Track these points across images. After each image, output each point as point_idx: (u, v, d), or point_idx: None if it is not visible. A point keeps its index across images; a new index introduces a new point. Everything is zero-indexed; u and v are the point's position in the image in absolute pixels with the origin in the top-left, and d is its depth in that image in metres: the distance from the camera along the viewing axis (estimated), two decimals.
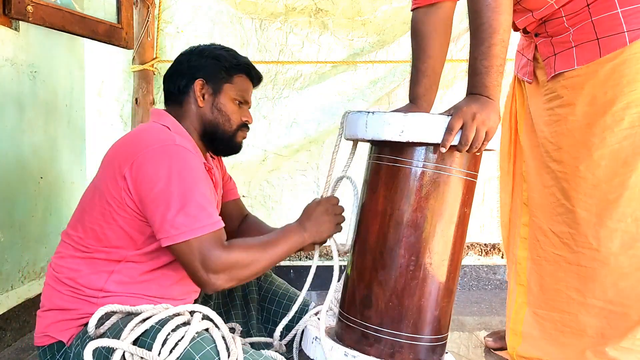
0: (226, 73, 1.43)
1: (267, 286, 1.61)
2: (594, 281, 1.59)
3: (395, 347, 1.20)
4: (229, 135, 1.44)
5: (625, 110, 1.49)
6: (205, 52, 1.45)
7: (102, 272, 1.27)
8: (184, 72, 1.43)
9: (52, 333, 1.27)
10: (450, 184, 1.20)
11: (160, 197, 1.19)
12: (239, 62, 1.45)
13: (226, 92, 1.43)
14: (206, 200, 1.23)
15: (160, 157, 1.22)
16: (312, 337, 1.27)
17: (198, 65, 1.43)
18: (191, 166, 1.24)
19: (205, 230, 1.19)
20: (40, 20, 1.93)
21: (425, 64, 1.59)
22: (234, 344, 1.10)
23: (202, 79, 1.41)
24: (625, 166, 1.51)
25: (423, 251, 1.19)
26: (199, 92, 1.41)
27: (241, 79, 1.46)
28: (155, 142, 1.24)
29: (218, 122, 1.42)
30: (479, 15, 1.28)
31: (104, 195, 1.26)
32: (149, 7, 2.61)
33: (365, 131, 1.21)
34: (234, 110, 1.44)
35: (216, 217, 1.23)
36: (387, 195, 1.22)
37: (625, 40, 1.45)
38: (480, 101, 1.22)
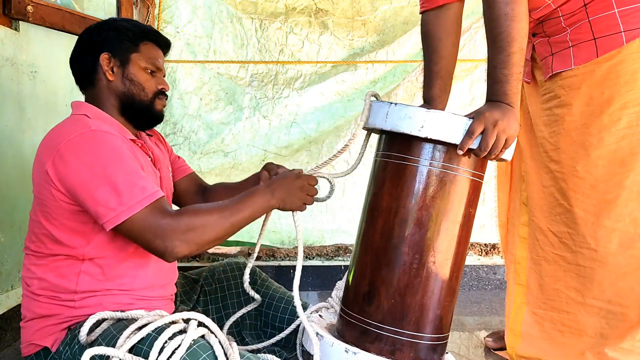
0: (131, 42, 1.38)
1: (264, 291, 1.60)
2: (593, 281, 1.59)
3: (396, 344, 1.20)
4: (147, 105, 1.40)
5: (623, 110, 1.49)
6: (106, 26, 1.40)
7: (69, 275, 1.26)
8: (88, 49, 1.38)
9: (37, 340, 1.27)
10: (457, 183, 1.20)
11: (88, 184, 1.17)
12: (142, 30, 1.41)
13: (134, 61, 1.38)
14: (135, 175, 1.21)
15: (78, 146, 1.19)
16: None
17: (100, 39, 1.37)
18: (111, 146, 1.22)
19: (143, 204, 1.17)
20: (40, 20, 1.93)
21: (439, 65, 1.60)
22: (231, 349, 1.10)
23: (108, 52, 1.36)
24: (623, 166, 1.51)
25: (427, 249, 1.19)
26: (106, 66, 1.36)
27: (148, 47, 1.41)
28: (70, 133, 1.21)
29: (132, 92, 1.38)
30: (497, 24, 1.29)
31: (38, 198, 1.25)
32: (149, 7, 2.61)
33: (385, 121, 1.21)
34: (147, 78, 1.39)
35: (151, 188, 1.21)
36: (392, 193, 1.22)
37: (622, 40, 1.45)
38: (502, 108, 1.23)
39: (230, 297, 1.58)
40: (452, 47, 1.62)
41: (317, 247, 2.84)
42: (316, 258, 2.81)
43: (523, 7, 1.30)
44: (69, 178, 1.19)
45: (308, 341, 1.28)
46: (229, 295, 1.58)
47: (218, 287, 1.59)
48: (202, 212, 1.23)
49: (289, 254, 2.79)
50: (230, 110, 2.80)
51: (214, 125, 2.79)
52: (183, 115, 2.77)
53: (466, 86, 2.87)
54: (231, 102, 2.80)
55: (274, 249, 2.83)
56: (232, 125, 2.79)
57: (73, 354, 1.19)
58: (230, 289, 1.59)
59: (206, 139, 2.78)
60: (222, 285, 1.59)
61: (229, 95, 2.80)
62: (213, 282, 1.60)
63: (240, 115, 2.79)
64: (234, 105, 2.80)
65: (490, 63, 1.30)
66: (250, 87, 2.79)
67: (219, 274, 1.61)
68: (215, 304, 1.57)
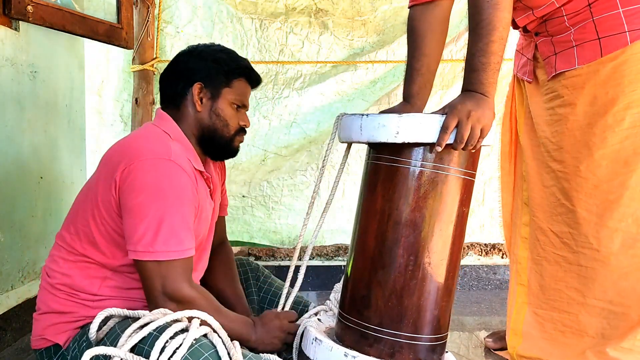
0: (225, 77, 1.40)
1: (267, 287, 1.61)
2: (594, 281, 1.59)
3: (395, 347, 1.20)
4: (227, 141, 1.42)
5: (627, 110, 1.48)
6: (204, 54, 1.41)
7: (95, 278, 1.27)
8: (182, 75, 1.40)
9: (49, 336, 1.27)
10: (449, 183, 1.20)
11: (138, 209, 1.19)
12: (239, 65, 1.42)
13: (225, 96, 1.40)
14: (183, 224, 1.22)
15: (150, 170, 1.21)
16: (312, 338, 1.27)
17: (197, 68, 1.39)
18: (178, 186, 1.23)
19: (170, 256, 1.19)
20: (40, 20, 1.93)
21: (420, 62, 1.58)
22: (234, 349, 1.10)
23: (201, 83, 1.38)
24: (626, 166, 1.51)
25: (422, 251, 1.19)
26: (197, 96, 1.38)
27: (240, 83, 1.42)
28: (150, 154, 1.23)
29: (216, 127, 1.40)
30: (478, 11, 1.28)
31: (97, 197, 1.26)
32: (149, 7, 2.61)
33: (360, 134, 1.21)
34: (232, 115, 1.41)
35: (188, 244, 1.22)
36: (385, 195, 1.22)
37: (626, 40, 1.45)
38: (475, 98, 1.22)
39: None
40: (436, 45, 1.60)
41: (317, 247, 2.84)
42: (316, 258, 2.81)
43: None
44: (127, 197, 1.20)
45: (307, 345, 1.28)
46: None
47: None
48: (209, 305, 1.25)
49: (289, 253, 2.79)
50: None
51: None
52: None
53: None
54: None
55: (274, 249, 2.83)
56: None
57: (81, 351, 1.20)
58: None
59: None
60: None
61: None
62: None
63: None
64: None
65: (469, 51, 1.29)
66: None
67: None
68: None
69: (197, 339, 1.09)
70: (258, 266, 1.66)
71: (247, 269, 1.63)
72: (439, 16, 1.59)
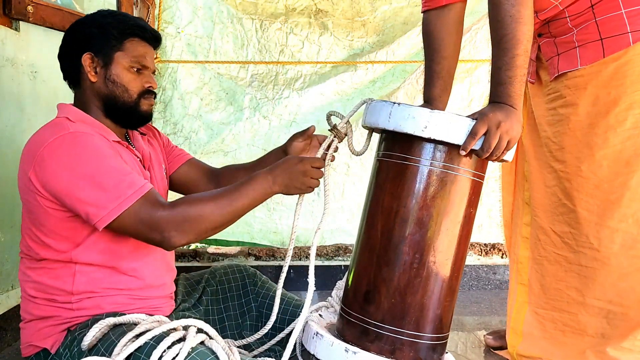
0: (116, 40, 1.30)
1: (265, 292, 1.60)
2: (594, 281, 1.59)
3: (396, 344, 1.20)
4: (131, 106, 1.34)
5: (629, 111, 1.49)
6: (89, 22, 1.32)
7: (64, 277, 1.25)
8: (72, 47, 1.32)
9: (36, 342, 1.27)
10: (458, 183, 1.20)
11: (72, 186, 1.16)
12: (127, 25, 1.32)
13: (118, 61, 1.31)
14: (119, 172, 1.19)
15: (57, 150, 1.18)
16: (313, 333, 1.26)
17: (83, 37, 1.31)
18: (91, 147, 1.20)
19: (133, 199, 1.16)
20: (40, 20, 1.93)
21: (440, 65, 1.60)
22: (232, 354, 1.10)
23: (90, 52, 1.30)
24: (628, 167, 1.51)
25: (427, 249, 1.19)
26: (89, 67, 1.30)
27: (134, 43, 1.32)
28: (49, 137, 1.19)
29: (115, 94, 1.32)
30: (502, 25, 1.29)
31: (26, 206, 1.25)
32: (149, 7, 2.61)
33: (388, 121, 1.20)
34: (131, 78, 1.32)
35: (139, 182, 1.19)
36: (393, 192, 1.22)
37: (629, 40, 1.45)
38: (505, 110, 1.23)
39: (231, 298, 1.58)
40: (453, 47, 1.62)
41: (317, 247, 2.84)
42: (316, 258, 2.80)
43: (529, 9, 1.30)
44: (52, 183, 1.17)
45: (308, 340, 1.28)
46: (229, 297, 1.58)
47: (219, 288, 1.59)
48: (197, 202, 1.22)
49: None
50: (231, 111, 2.80)
51: (214, 125, 2.79)
52: (183, 116, 2.77)
53: (465, 88, 2.88)
54: (231, 102, 2.80)
55: (274, 249, 2.83)
56: (232, 125, 2.79)
57: (72, 356, 1.19)
58: (231, 291, 1.59)
59: (206, 139, 2.78)
60: (224, 287, 1.59)
61: (230, 95, 2.80)
62: (214, 283, 1.60)
63: (240, 116, 2.79)
64: (234, 105, 2.80)
65: (494, 65, 1.30)
66: (250, 88, 2.79)
67: (220, 275, 1.60)
68: (217, 305, 1.57)
69: (194, 347, 1.08)
70: (255, 272, 1.65)
71: (245, 274, 1.62)
72: (454, 18, 1.61)
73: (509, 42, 1.28)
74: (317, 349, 1.24)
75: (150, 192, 1.20)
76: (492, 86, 1.30)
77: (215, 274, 1.60)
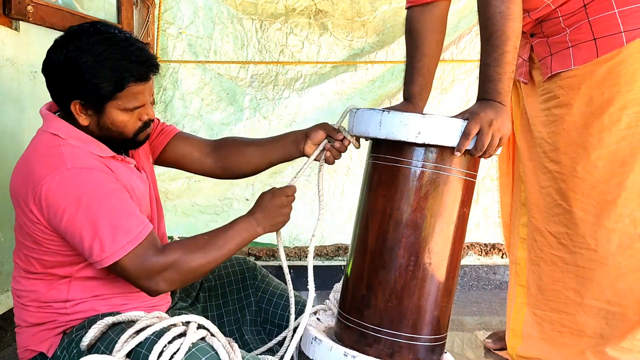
0: (109, 93, 1.20)
1: (264, 287, 1.60)
2: (592, 281, 1.59)
3: (395, 347, 1.20)
4: (129, 141, 1.29)
5: (623, 111, 1.49)
6: (78, 69, 1.19)
7: (60, 286, 1.25)
8: (58, 87, 1.24)
9: (32, 346, 1.27)
10: (450, 184, 1.20)
11: (71, 229, 1.16)
12: (121, 75, 1.20)
13: (111, 109, 1.22)
14: (118, 215, 1.18)
15: (56, 189, 1.15)
16: (312, 337, 1.27)
17: (73, 81, 1.20)
18: (90, 185, 1.17)
19: (127, 249, 1.16)
20: (40, 20, 1.93)
21: (421, 62, 1.59)
22: (233, 352, 1.10)
23: (80, 101, 1.21)
24: (623, 167, 1.51)
25: (422, 251, 1.19)
26: (78, 112, 1.23)
27: (129, 90, 1.22)
28: (47, 172, 1.16)
29: (111, 135, 1.26)
30: (491, 22, 1.29)
31: (27, 229, 1.23)
32: (149, 7, 2.62)
33: (379, 130, 1.20)
34: (126, 120, 1.25)
35: (136, 229, 1.18)
36: (386, 195, 1.22)
37: (622, 40, 1.45)
38: (495, 107, 1.24)
39: (230, 293, 1.58)
40: (435, 45, 1.62)
41: (317, 247, 2.85)
42: (316, 258, 2.82)
43: (518, 6, 1.31)
44: (53, 222, 1.17)
45: (306, 345, 1.29)
46: (229, 291, 1.58)
47: (218, 283, 1.59)
48: (188, 253, 1.22)
49: (288, 253, 2.79)
50: (231, 111, 2.81)
51: (214, 125, 2.80)
52: (184, 116, 2.78)
53: (463, 88, 2.88)
54: (232, 102, 2.81)
55: (274, 249, 2.84)
56: (232, 125, 2.80)
57: (72, 357, 1.19)
58: (230, 285, 1.59)
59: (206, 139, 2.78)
60: (222, 282, 1.59)
61: (230, 95, 2.81)
62: (212, 278, 1.59)
63: (240, 116, 2.80)
64: (234, 105, 2.81)
65: (483, 61, 1.31)
66: (250, 88, 2.80)
67: (218, 270, 1.59)
68: (215, 301, 1.57)
69: (195, 343, 1.08)
70: (255, 265, 1.65)
71: (244, 268, 1.62)
72: (437, 16, 1.60)
73: (498, 38, 1.28)
74: (316, 353, 1.25)
75: (146, 238, 1.20)
76: (481, 82, 1.31)
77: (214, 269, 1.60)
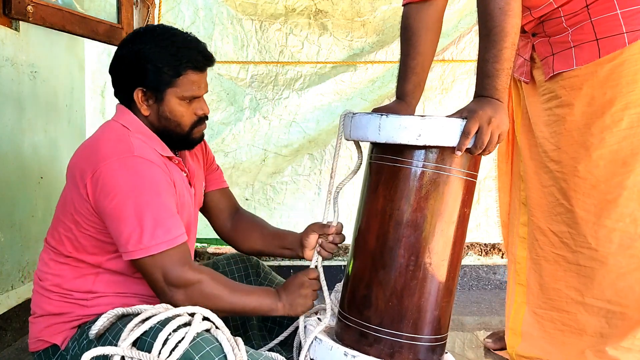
0: (169, 78, 1.29)
1: (267, 284, 1.60)
2: (593, 281, 1.59)
3: (395, 347, 1.20)
4: (184, 136, 1.36)
5: (624, 111, 1.49)
6: (144, 54, 1.28)
7: (87, 276, 1.27)
8: (123, 77, 1.33)
9: (46, 337, 1.27)
10: (450, 184, 1.20)
11: (117, 212, 1.18)
12: (182, 59, 1.28)
13: (170, 97, 1.30)
14: (165, 213, 1.21)
15: (118, 170, 1.19)
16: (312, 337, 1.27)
17: (136, 71, 1.29)
18: (149, 178, 1.21)
19: (161, 248, 1.18)
20: (40, 20, 1.93)
21: (415, 60, 1.59)
22: (237, 346, 1.10)
23: (142, 88, 1.30)
24: (624, 166, 1.51)
25: (423, 251, 1.19)
26: (141, 101, 1.31)
27: (187, 77, 1.30)
28: (113, 154, 1.21)
29: (169, 127, 1.33)
30: (490, 18, 1.29)
31: (73, 205, 1.25)
32: (149, 7, 2.61)
33: (379, 134, 1.18)
34: (183, 112, 1.32)
35: (176, 231, 1.21)
36: (387, 195, 1.22)
37: (624, 41, 1.45)
38: (493, 104, 1.24)
39: None
40: (430, 43, 1.61)
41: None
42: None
43: (517, 2, 1.31)
44: (102, 202, 1.20)
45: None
46: None
47: None
48: (218, 282, 1.25)
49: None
50: (231, 111, 2.81)
51: (214, 125, 2.80)
52: None
53: (464, 88, 2.88)
54: (232, 102, 2.81)
55: None
56: (232, 125, 2.80)
57: (81, 349, 1.20)
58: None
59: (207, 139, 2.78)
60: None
61: (230, 96, 2.81)
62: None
63: (240, 116, 2.80)
64: (234, 106, 2.81)
65: (481, 57, 1.30)
66: (250, 88, 2.80)
67: (222, 266, 1.60)
68: None
69: (199, 332, 1.09)
70: (258, 262, 1.65)
71: (247, 264, 1.62)
72: (433, 15, 1.60)
73: (497, 34, 1.27)
74: (316, 353, 1.25)
75: (182, 245, 1.22)
76: (479, 79, 1.30)
77: (218, 265, 1.60)
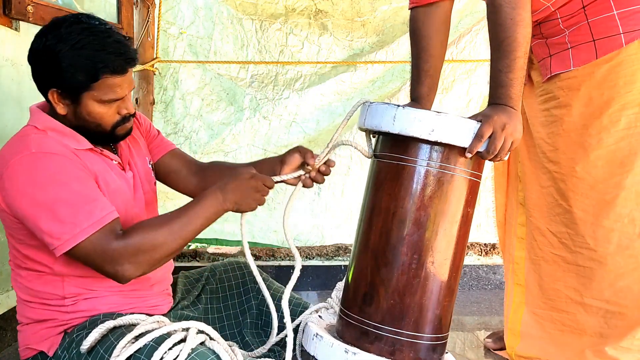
0: (84, 82, 1.19)
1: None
2: (592, 281, 1.60)
3: (396, 345, 1.20)
4: (107, 135, 1.28)
5: (622, 112, 1.50)
6: (56, 56, 1.18)
7: (53, 281, 1.24)
8: (37, 75, 1.23)
9: (33, 345, 1.26)
10: (455, 183, 1.21)
11: (30, 213, 1.13)
12: (95, 66, 1.18)
13: (88, 100, 1.21)
14: (79, 199, 1.15)
15: (16, 173, 1.14)
16: (313, 334, 1.27)
17: (50, 68, 1.19)
18: (51, 170, 1.15)
19: (88, 232, 1.13)
20: (40, 20, 1.93)
21: (428, 63, 1.60)
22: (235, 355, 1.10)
23: (57, 90, 1.21)
24: (622, 167, 1.52)
25: (426, 250, 1.20)
26: (56, 101, 1.22)
27: (105, 81, 1.20)
28: (11, 157, 1.16)
29: (88, 127, 1.25)
30: (502, 28, 1.30)
31: (2, 219, 1.23)
32: (149, 7, 2.62)
33: (393, 125, 1.19)
34: (103, 113, 1.23)
35: (99, 212, 1.15)
36: (391, 193, 1.22)
37: (621, 41, 1.46)
38: (508, 112, 1.25)
39: (231, 297, 1.58)
40: (440, 45, 1.63)
41: (317, 247, 2.85)
42: (316, 258, 2.82)
43: (528, 12, 1.32)
44: (14, 208, 1.16)
45: (308, 341, 1.29)
46: (229, 295, 1.58)
47: (219, 286, 1.59)
48: (150, 230, 1.18)
49: (289, 253, 2.80)
50: (231, 111, 2.82)
51: (214, 125, 2.80)
52: (185, 116, 2.78)
53: (464, 88, 2.89)
54: (232, 102, 2.81)
55: (274, 249, 2.84)
56: (232, 125, 2.80)
57: (71, 358, 1.19)
58: (231, 289, 1.59)
59: (207, 139, 2.79)
60: (224, 285, 1.59)
61: (230, 96, 2.82)
62: (214, 281, 1.60)
63: (240, 116, 2.80)
64: (234, 106, 2.81)
65: (494, 67, 1.31)
66: (250, 88, 2.80)
67: (220, 273, 1.60)
68: (216, 304, 1.57)
69: (194, 348, 1.08)
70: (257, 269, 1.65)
71: (245, 272, 1.62)
72: (441, 17, 1.61)
73: (510, 45, 1.29)
74: (317, 350, 1.24)
75: (109, 223, 1.16)
76: (492, 88, 1.31)
77: (215, 272, 1.60)
